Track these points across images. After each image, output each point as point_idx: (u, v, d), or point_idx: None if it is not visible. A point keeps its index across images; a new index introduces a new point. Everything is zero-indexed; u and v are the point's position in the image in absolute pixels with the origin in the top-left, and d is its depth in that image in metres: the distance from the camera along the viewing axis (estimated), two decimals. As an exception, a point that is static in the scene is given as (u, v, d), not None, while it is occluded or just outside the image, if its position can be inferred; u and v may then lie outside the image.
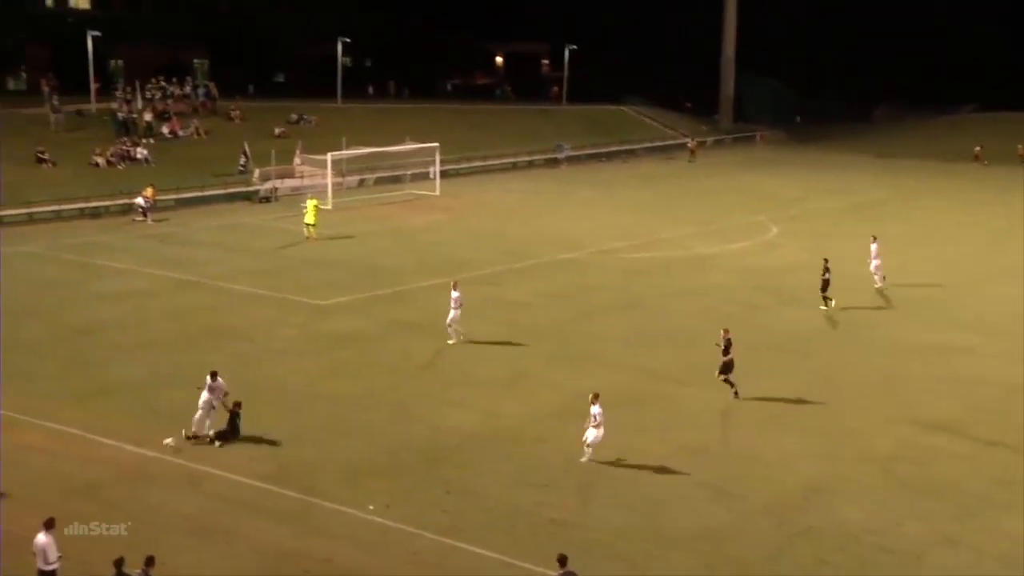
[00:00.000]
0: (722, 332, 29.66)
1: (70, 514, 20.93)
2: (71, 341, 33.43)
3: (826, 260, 38.70)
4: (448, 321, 33.91)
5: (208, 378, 26.26)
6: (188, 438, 25.68)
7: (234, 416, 26.01)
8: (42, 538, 18.20)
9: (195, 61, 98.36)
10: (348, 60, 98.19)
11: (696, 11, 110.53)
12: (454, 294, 33.85)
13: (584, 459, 24.86)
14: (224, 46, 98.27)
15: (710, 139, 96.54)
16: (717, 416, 28.24)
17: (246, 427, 26.02)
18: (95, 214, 55.48)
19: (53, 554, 18.18)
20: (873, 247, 42.44)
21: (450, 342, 33.68)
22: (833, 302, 38.29)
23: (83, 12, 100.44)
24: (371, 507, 22.39)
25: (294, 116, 79.35)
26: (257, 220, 55.63)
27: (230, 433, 25.80)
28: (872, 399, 29.38)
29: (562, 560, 18.14)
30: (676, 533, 21.79)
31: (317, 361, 32.12)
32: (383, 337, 34.65)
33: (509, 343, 34.34)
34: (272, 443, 25.70)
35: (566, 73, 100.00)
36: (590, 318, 37.63)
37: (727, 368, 29.34)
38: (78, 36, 74.73)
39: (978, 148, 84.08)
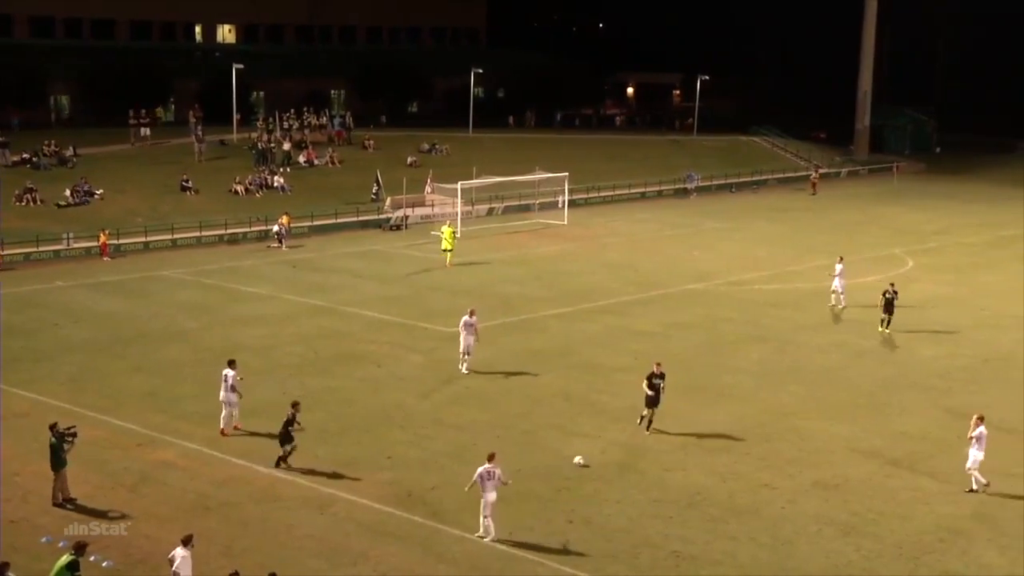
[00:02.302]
0: (655, 366, 28.84)
1: (202, 531, 21.51)
2: (210, 364, 34.33)
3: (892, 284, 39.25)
4: (462, 349, 33.46)
5: (227, 368, 28.08)
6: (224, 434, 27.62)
7: (288, 423, 25.86)
8: (180, 551, 18.80)
9: (332, 92, 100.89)
10: (480, 91, 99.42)
11: (833, 41, 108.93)
12: (469, 320, 33.38)
13: (976, 487, 24.70)
14: (361, 77, 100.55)
15: (844, 170, 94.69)
16: (848, 453, 27.56)
17: (373, 450, 26.39)
18: (233, 240, 57.18)
19: (188, 568, 18.74)
20: (838, 267, 42.78)
21: (463, 370, 33.36)
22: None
23: (230, 46, 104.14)
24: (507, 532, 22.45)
25: (426, 145, 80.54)
26: (388, 247, 56.52)
27: (285, 440, 25.76)
28: (1016, 439, 28.27)
29: None
30: (804, 572, 21.29)
31: (444, 388, 32.41)
32: (510, 365, 34.76)
33: (635, 373, 34.10)
34: (399, 468, 26.00)
35: (697, 103, 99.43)
36: (718, 350, 37.19)
37: (652, 402, 28.28)
38: (224, 69, 77.53)
39: None
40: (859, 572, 21.36)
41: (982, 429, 24.82)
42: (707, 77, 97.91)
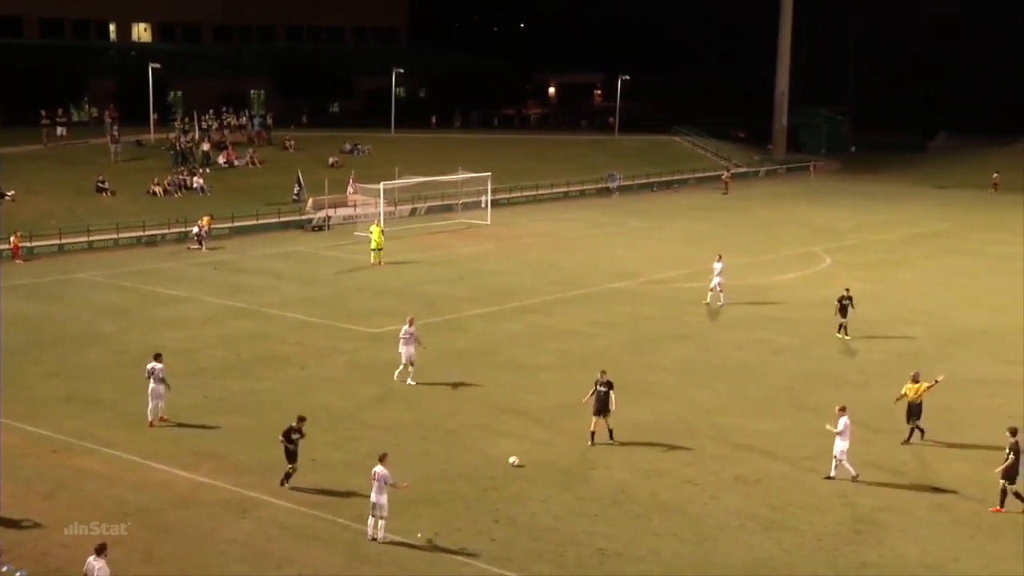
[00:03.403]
0: (600, 374, 28.28)
1: (120, 539, 21.16)
2: (130, 367, 33.78)
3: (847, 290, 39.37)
4: (404, 360, 32.47)
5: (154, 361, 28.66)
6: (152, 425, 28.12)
7: (290, 434, 24.92)
8: (93, 562, 18.39)
9: (252, 92, 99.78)
10: (402, 91, 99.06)
11: (750, 43, 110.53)
12: (409, 329, 32.50)
13: (833, 474, 25.67)
14: (281, 77, 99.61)
15: (763, 170, 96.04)
16: (768, 449, 27.96)
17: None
18: (152, 242, 56.31)
19: (104, 576, 18.36)
20: (717, 266, 43.55)
21: (409, 382, 32.40)
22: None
23: (145, 45, 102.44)
24: (419, 535, 22.40)
25: (348, 146, 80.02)
26: (310, 248, 56.11)
27: (291, 459, 24.99)
28: (930, 432, 28.90)
29: None
30: (726, 567, 21.57)
31: (368, 389, 32.25)
32: (433, 365, 34.70)
33: (559, 372, 34.30)
34: (322, 470, 25.81)
35: (618, 102, 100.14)
36: (642, 348, 37.50)
37: (599, 411, 27.75)
38: (140, 69, 76.18)
39: (996, 175, 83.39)
40: (780, 565, 21.69)
41: (845, 420, 25.62)
42: (627, 77, 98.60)
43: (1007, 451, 24.09)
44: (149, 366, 28.80)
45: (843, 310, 38.69)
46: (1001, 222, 67.79)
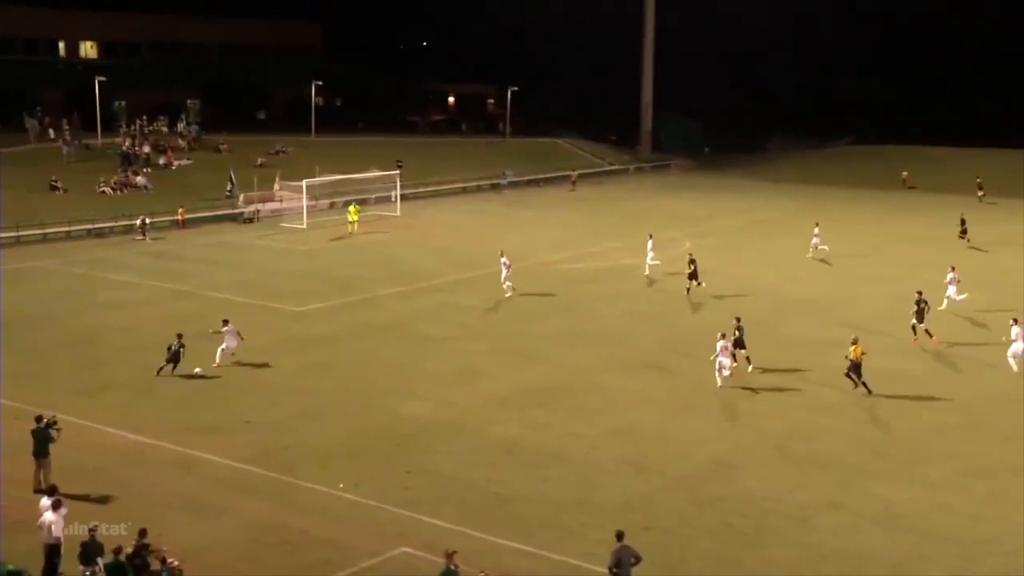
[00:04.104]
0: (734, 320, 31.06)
1: (76, 494, 20.57)
2: (81, 344, 32.84)
3: (919, 293, 34.92)
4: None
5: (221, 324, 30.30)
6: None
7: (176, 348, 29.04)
8: (49, 516, 17.85)
9: (188, 101, 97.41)
10: (320, 100, 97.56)
11: (619, 58, 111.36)
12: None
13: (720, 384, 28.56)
14: (212, 89, 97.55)
15: (632, 167, 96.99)
16: (637, 404, 28.35)
17: (232, 415, 25.78)
18: (100, 234, 54.60)
19: (59, 529, 17.83)
20: (649, 243, 45.37)
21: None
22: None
23: (91, 60, 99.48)
24: (341, 485, 22.22)
25: (274, 149, 78.64)
26: (241, 238, 55.04)
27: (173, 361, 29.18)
28: (766, 389, 29.62)
29: (619, 535, 17.28)
30: (605, 504, 21.84)
31: (294, 359, 31.82)
32: (352, 338, 34.43)
33: (460, 342, 34.28)
34: (257, 430, 25.41)
35: (508, 110, 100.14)
36: (530, 320, 37.64)
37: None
38: (87, 81, 73.78)
39: (904, 173, 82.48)
40: (649, 502, 22.05)
41: (1017, 330, 30.18)
42: (516, 88, 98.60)
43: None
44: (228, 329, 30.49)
45: (920, 314, 34.37)
46: (823, 211, 69.59)
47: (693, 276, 41.24)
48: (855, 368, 28.82)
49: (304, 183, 59.77)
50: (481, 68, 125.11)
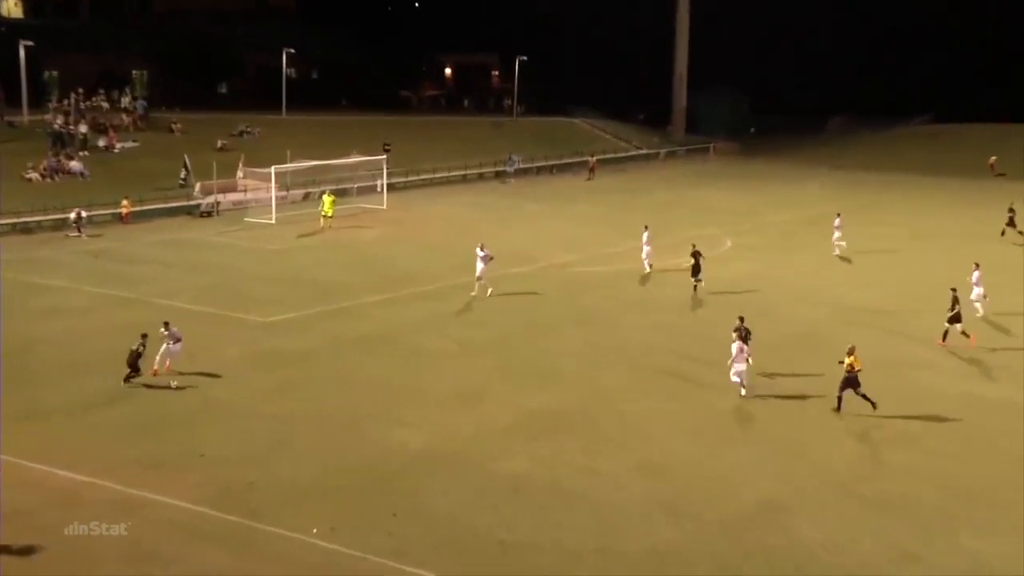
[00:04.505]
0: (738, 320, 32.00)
1: (121, 540, 21.02)
2: (4, 361, 32.77)
3: (954, 290, 36.36)
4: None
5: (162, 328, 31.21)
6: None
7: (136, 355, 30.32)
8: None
9: (134, 72, 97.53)
10: (293, 72, 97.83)
11: (649, 23, 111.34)
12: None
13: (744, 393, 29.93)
14: (164, 56, 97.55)
15: (663, 151, 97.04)
16: (670, 433, 28.19)
17: (186, 447, 25.68)
18: (27, 229, 54.69)
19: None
20: (645, 235, 47.12)
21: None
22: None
23: (16, 21, 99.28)
24: (315, 531, 22.08)
25: (237, 129, 78.75)
26: (198, 235, 55.11)
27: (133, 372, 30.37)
28: (825, 412, 29.45)
29: None
30: (630, 554, 21.66)
31: (261, 379, 31.73)
32: (330, 354, 34.34)
33: (458, 359, 34.18)
34: (214, 465, 25.29)
35: (516, 84, 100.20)
36: (542, 333, 37.55)
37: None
38: (10, 46, 73.77)
39: (993, 158, 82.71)
40: (683, 551, 21.87)
41: (737, 345, 30.23)
42: (525, 58, 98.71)
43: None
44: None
45: (955, 317, 35.72)
46: (891, 204, 69.53)
47: (696, 272, 42.86)
48: (850, 382, 28.95)
49: (273, 170, 59.91)
50: (485, 35, 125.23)
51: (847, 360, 29.07)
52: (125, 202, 57.75)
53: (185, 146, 69.64)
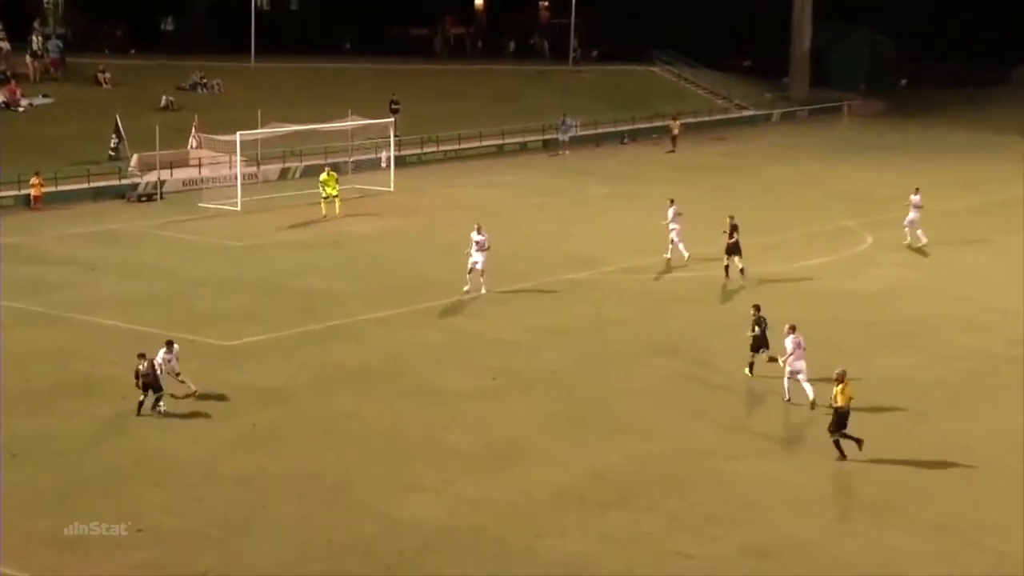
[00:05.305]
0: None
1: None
2: None
3: None
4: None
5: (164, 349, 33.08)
6: None
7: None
8: None
9: (45, 2, 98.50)
10: (266, 2, 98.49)
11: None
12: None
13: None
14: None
15: (776, 112, 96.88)
16: (783, 505, 28.06)
17: (117, 519, 25.88)
18: None
19: None
20: (670, 211, 50.22)
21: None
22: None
23: None
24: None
25: (189, 80, 79.35)
26: (134, 226, 55.53)
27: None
28: (1013, 481, 29.26)
29: None
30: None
31: (221, 427, 31.92)
32: (315, 392, 34.50)
33: (493, 399, 34.22)
34: (154, 545, 25.47)
35: (573, 19, 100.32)
36: (607, 365, 37.53)
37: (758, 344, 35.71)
38: None
39: None
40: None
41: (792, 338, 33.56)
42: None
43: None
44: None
45: None
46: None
47: (734, 251, 45.87)
48: (841, 420, 29.94)
49: (238, 137, 60.16)
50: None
51: (835, 390, 30.02)
52: (34, 180, 58.11)
53: (117, 104, 70.09)
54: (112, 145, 65.02)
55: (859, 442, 29.89)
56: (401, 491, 28.32)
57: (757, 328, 35.84)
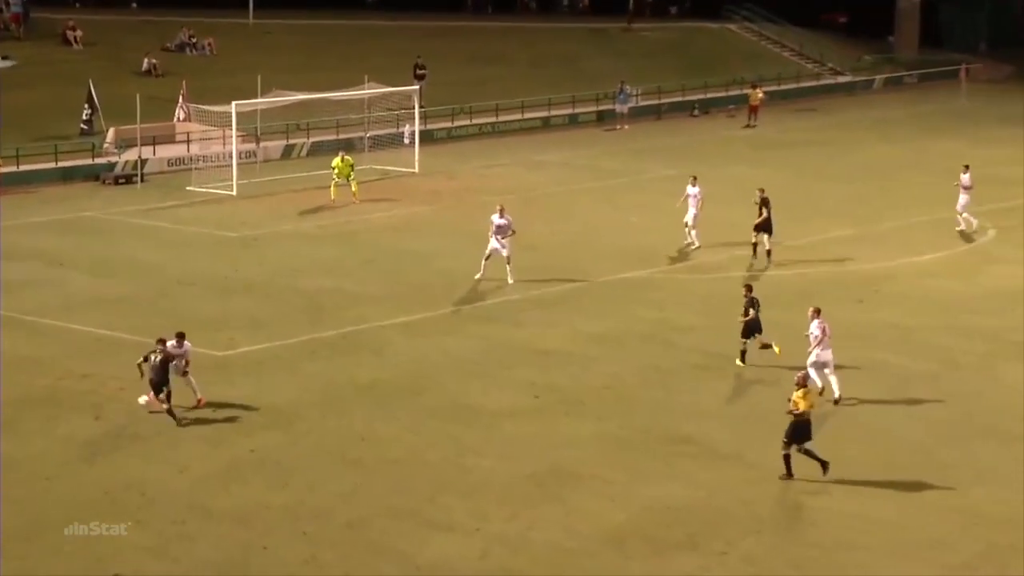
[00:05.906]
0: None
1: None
2: None
3: None
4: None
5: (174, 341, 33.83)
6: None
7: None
8: None
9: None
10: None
11: None
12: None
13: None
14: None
15: (878, 77, 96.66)
16: (920, 551, 27.92)
17: (87, 566, 26.04)
18: None
19: None
20: (691, 189, 51.83)
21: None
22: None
23: None
24: None
25: (175, 40, 79.73)
26: (110, 213, 55.82)
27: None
28: None
29: None
30: None
31: (213, 454, 32.08)
32: (324, 411, 34.62)
33: (536, 419, 34.27)
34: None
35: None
36: (673, 379, 37.58)
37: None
38: None
39: None
40: None
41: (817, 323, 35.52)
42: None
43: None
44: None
45: None
46: None
47: (763, 228, 48.56)
48: (799, 431, 30.56)
49: (234, 107, 60.37)
50: None
51: (795, 395, 30.73)
52: None
53: (90, 68, 70.50)
54: (84, 117, 65.32)
55: (824, 464, 30.41)
56: (424, 529, 28.39)
57: (752, 311, 37.88)
